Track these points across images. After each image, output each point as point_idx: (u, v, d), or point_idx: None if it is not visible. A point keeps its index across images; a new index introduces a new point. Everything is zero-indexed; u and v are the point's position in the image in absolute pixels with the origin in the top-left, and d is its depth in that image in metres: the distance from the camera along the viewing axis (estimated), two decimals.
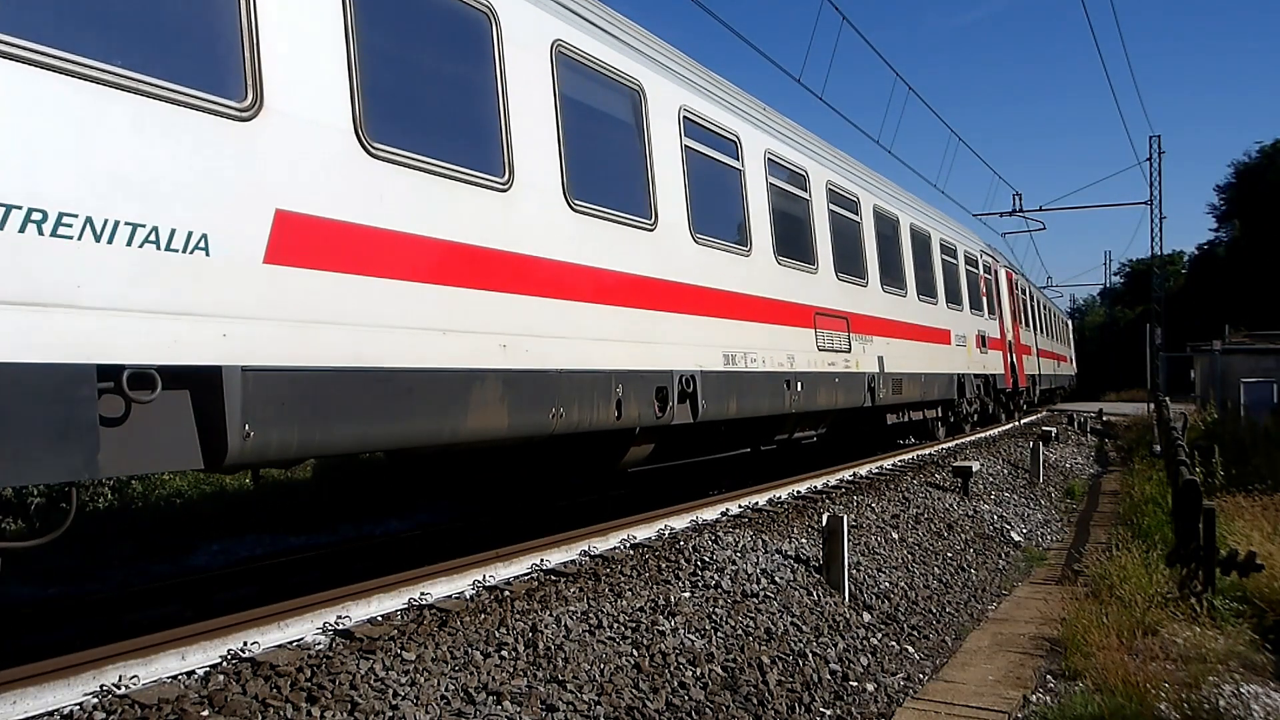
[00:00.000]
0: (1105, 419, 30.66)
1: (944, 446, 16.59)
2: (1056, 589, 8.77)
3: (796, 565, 7.16)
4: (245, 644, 4.40)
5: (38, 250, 3.57)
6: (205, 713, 3.76)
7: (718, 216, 8.93)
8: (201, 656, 4.25)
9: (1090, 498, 15.49)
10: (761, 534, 7.78)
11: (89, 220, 3.75)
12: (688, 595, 6.10)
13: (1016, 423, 24.55)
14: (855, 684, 5.76)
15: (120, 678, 3.91)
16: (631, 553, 6.93)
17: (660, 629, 5.49)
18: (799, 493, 10.19)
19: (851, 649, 6.25)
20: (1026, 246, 75.26)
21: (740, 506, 9.01)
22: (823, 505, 9.59)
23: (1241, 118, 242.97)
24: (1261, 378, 24.15)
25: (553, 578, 6.09)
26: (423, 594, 5.40)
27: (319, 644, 4.60)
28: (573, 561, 6.52)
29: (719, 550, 7.05)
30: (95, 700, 3.78)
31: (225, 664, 4.25)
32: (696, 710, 4.81)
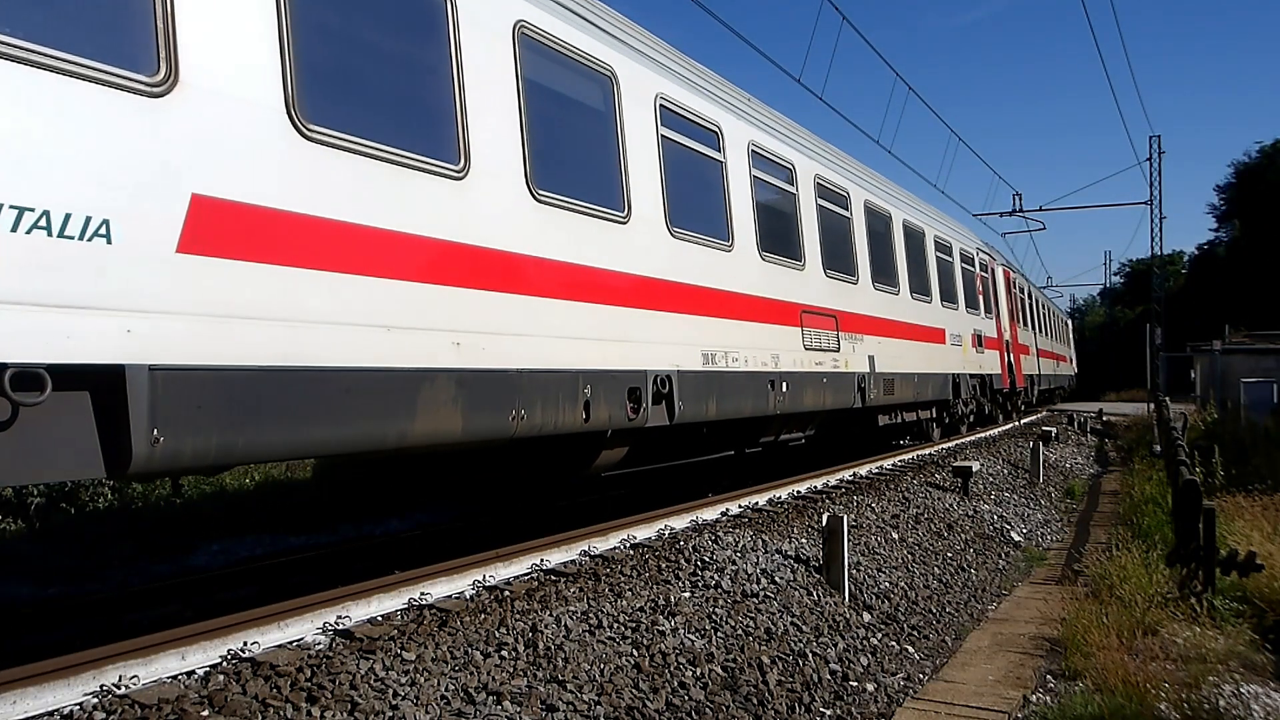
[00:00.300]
0: (1105, 419, 30.67)
1: (944, 446, 16.57)
2: (1056, 589, 8.77)
3: (796, 565, 7.16)
4: (245, 644, 4.40)
5: None
6: (205, 713, 3.76)
7: (697, 210, 8.63)
8: (201, 656, 4.25)
9: (1090, 498, 15.49)
10: (761, 534, 7.78)
11: None
12: (688, 595, 6.10)
13: (1016, 423, 24.55)
14: (855, 684, 5.75)
15: (120, 678, 3.91)
16: (631, 553, 6.93)
17: (660, 629, 5.49)
18: (799, 493, 10.19)
19: (851, 649, 6.25)
20: (1026, 246, 75.36)
21: (740, 506, 9.01)
22: (823, 505, 9.59)
23: (1241, 118, 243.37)
24: (1261, 378, 24.14)
25: (553, 578, 6.09)
26: (423, 594, 5.40)
27: (319, 644, 4.60)
28: (573, 561, 6.52)
29: (719, 550, 7.05)
30: (95, 700, 3.78)
31: (225, 664, 4.25)
32: (696, 710, 4.81)
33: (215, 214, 4.25)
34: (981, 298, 19.72)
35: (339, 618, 4.88)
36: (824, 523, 7.32)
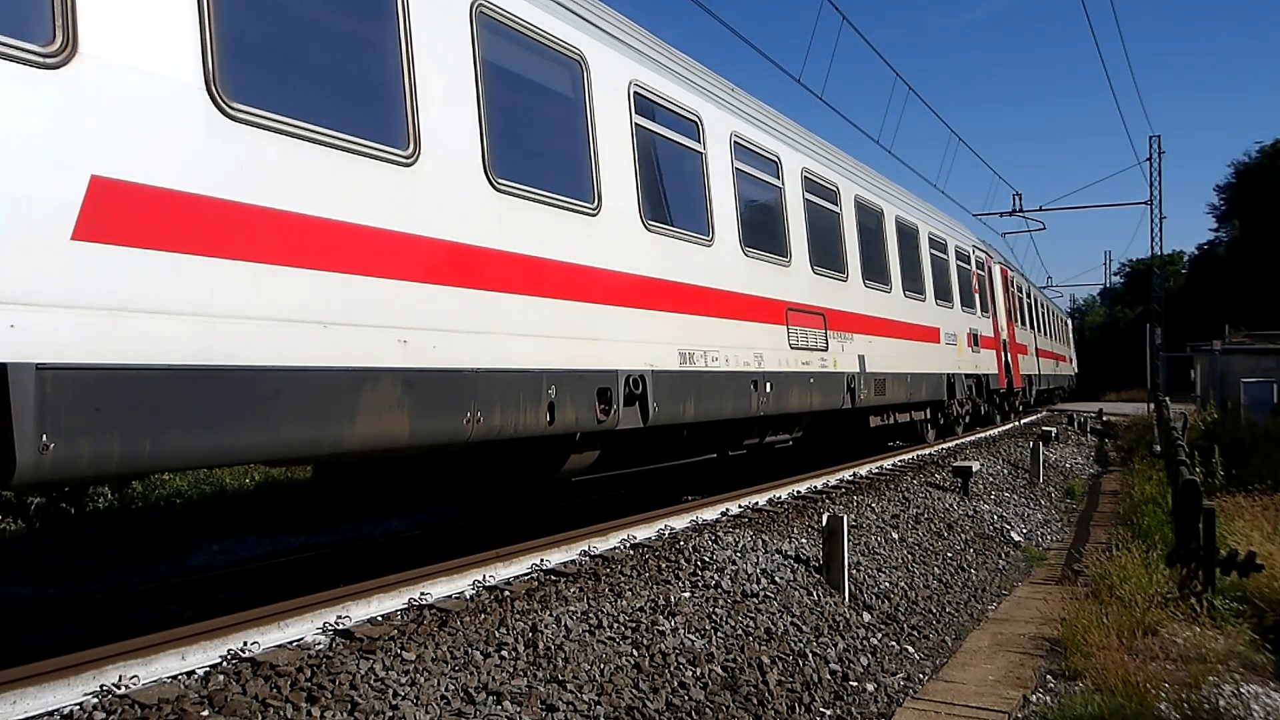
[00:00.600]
0: (1105, 419, 30.67)
1: (943, 447, 16.55)
2: (1056, 589, 8.77)
3: (796, 565, 7.16)
4: (245, 644, 4.40)
5: None
6: (205, 713, 3.76)
7: (675, 203, 8.29)
8: (201, 656, 4.25)
9: (1090, 498, 15.49)
10: (761, 534, 7.78)
11: None
12: (688, 595, 6.10)
13: (1016, 423, 24.54)
14: (855, 684, 5.76)
15: (120, 678, 3.91)
16: (631, 553, 6.93)
17: (660, 629, 5.49)
18: (799, 493, 10.19)
19: (851, 649, 6.25)
20: (1026, 246, 75.37)
21: (740, 506, 9.01)
22: (823, 505, 9.59)
23: (1241, 118, 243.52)
24: (1261, 378, 24.16)
25: (553, 578, 6.09)
26: (423, 594, 5.40)
27: (319, 644, 4.60)
28: (573, 561, 6.52)
29: (719, 550, 7.05)
30: (95, 700, 3.78)
31: (225, 664, 4.25)
32: (696, 710, 4.81)
33: (119, 198, 3.88)
34: (978, 296, 19.47)
35: (339, 618, 4.87)
36: (824, 523, 7.32)
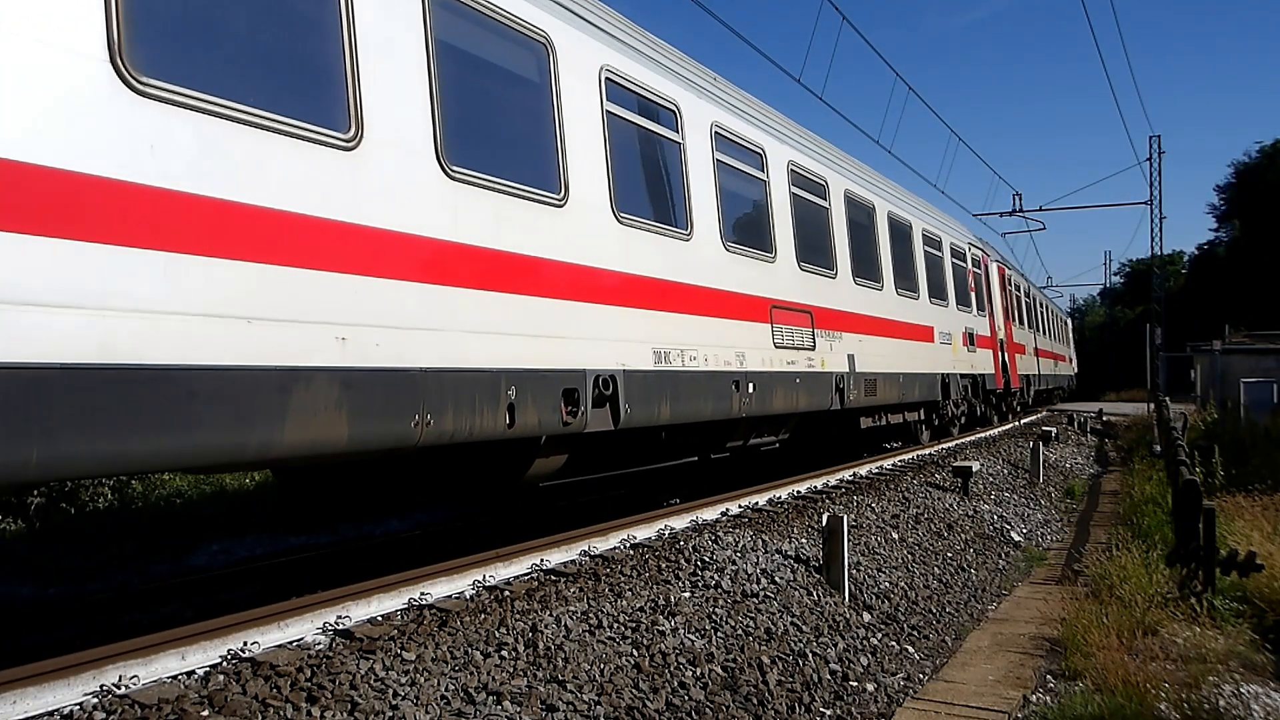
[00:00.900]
0: (1105, 419, 30.68)
1: (942, 447, 16.54)
2: (1056, 589, 8.77)
3: (796, 565, 7.16)
4: (245, 644, 4.40)
5: None
6: (205, 713, 3.76)
7: (650, 195, 7.93)
8: (201, 656, 4.25)
9: (1090, 498, 15.49)
10: (761, 534, 7.78)
11: None
12: (688, 595, 6.11)
13: (1015, 423, 24.52)
14: (855, 684, 5.76)
15: (120, 678, 3.91)
16: (631, 553, 6.93)
17: (660, 629, 5.49)
18: (799, 493, 10.19)
19: (851, 649, 6.25)
20: (1026, 246, 75.38)
21: (740, 506, 9.01)
22: (823, 505, 9.59)
23: (1241, 118, 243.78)
24: (1261, 378, 24.20)
25: (553, 578, 6.09)
26: (423, 594, 5.40)
27: (319, 644, 4.60)
28: (573, 561, 6.52)
29: (719, 550, 7.05)
30: (95, 700, 3.78)
31: (225, 664, 4.25)
32: (696, 710, 4.81)
33: (2, 179, 3.55)
34: (974, 295, 19.16)
35: (339, 618, 4.88)
36: (824, 523, 7.32)
